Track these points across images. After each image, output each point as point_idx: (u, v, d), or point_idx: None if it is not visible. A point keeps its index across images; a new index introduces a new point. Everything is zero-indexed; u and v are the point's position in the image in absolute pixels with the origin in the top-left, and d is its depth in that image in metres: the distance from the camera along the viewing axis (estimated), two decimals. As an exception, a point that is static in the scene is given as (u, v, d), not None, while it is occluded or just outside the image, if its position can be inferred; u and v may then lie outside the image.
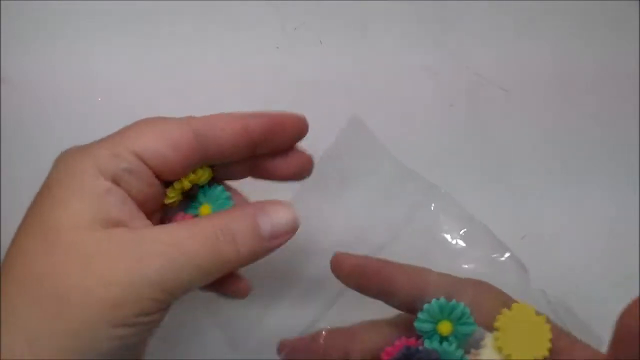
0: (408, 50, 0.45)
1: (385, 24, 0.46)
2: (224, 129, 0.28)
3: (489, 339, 0.27)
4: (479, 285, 0.28)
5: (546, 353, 0.26)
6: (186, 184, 0.28)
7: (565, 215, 0.42)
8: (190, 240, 0.25)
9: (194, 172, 0.29)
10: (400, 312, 0.30)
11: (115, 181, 0.26)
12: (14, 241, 0.25)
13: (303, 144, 0.31)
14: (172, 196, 0.29)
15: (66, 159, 0.27)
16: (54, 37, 0.43)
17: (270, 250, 0.28)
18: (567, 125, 0.44)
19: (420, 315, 0.28)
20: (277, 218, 0.28)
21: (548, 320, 0.27)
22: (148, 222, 0.27)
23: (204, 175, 0.29)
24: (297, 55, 0.44)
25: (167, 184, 0.28)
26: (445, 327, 0.27)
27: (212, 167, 0.30)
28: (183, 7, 0.45)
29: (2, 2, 0.44)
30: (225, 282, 0.30)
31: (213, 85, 0.43)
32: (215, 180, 0.31)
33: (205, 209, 0.29)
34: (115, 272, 0.24)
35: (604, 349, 0.24)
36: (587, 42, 0.46)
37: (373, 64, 0.45)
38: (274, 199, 0.28)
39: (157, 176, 0.27)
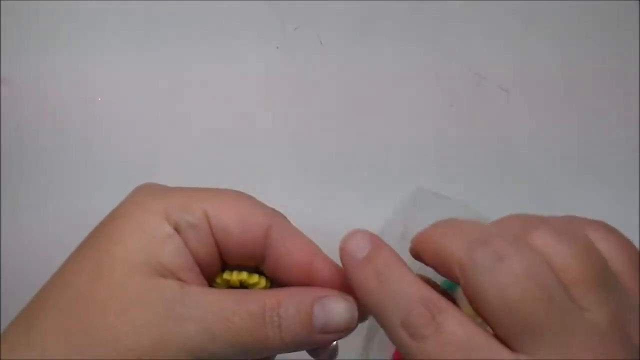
0: (408, 50, 0.45)
1: (385, 24, 0.46)
2: (292, 254, 0.26)
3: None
4: None
5: None
6: (235, 281, 0.27)
7: (564, 215, 0.42)
8: (234, 315, 0.24)
9: (250, 275, 0.27)
10: None
11: (177, 230, 0.25)
12: (65, 262, 0.25)
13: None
14: (219, 283, 0.27)
15: (141, 193, 0.26)
16: (54, 37, 0.43)
17: (317, 344, 0.25)
18: (567, 125, 0.44)
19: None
20: (334, 312, 0.25)
21: None
22: (201, 278, 0.26)
23: (259, 284, 0.27)
24: (297, 55, 0.44)
25: (224, 266, 0.27)
26: None
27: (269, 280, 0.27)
28: (183, 7, 0.45)
29: (2, 2, 0.44)
30: None
31: (213, 85, 0.43)
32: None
33: (262, 280, 0.27)
34: (151, 325, 0.23)
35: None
36: (587, 42, 0.46)
37: (373, 64, 0.44)
38: (336, 290, 0.26)
39: (219, 248, 0.26)
